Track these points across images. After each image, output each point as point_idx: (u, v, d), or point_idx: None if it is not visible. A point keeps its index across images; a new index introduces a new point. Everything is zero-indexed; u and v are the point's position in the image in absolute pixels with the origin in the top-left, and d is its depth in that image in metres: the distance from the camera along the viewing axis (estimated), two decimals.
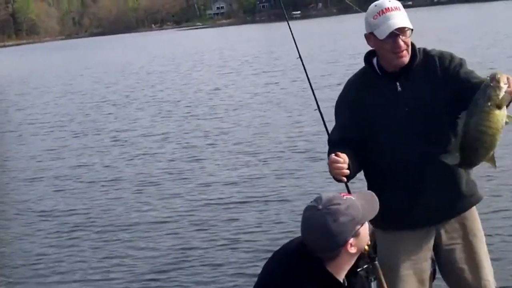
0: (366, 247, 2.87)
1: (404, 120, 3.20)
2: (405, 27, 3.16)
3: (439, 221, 3.32)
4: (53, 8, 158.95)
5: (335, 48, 32.90)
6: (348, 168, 3.15)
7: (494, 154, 3.11)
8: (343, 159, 3.12)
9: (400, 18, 3.16)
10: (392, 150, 3.25)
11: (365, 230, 2.62)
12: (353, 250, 2.56)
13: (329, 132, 3.54)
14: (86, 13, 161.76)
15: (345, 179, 3.16)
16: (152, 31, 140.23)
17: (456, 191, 3.30)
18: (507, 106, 2.95)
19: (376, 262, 3.23)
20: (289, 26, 4.17)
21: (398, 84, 3.23)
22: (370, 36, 3.25)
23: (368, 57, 3.35)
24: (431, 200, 3.24)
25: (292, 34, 4.13)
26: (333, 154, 3.13)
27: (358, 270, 3.08)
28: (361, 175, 3.48)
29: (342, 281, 2.62)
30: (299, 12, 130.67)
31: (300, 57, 3.84)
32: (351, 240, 2.54)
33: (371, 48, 3.34)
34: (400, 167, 3.25)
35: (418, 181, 3.24)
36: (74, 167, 11.98)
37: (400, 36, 3.15)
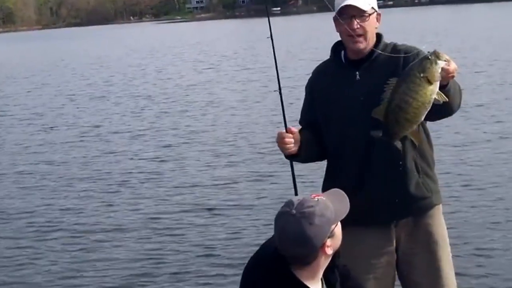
0: None
1: (357, 109, 3.16)
2: (360, 9, 3.12)
3: (386, 219, 3.22)
4: None
5: (317, 46, 32.66)
6: (300, 147, 3.21)
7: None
8: (291, 135, 3.17)
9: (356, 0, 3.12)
10: (341, 137, 3.24)
11: (339, 229, 2.58)
12: (330, 251, 2.52)
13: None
14: (64, 3, 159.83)
15: (294, 149, 3.19)
16: (130, 23, 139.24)
17: (403, 190, 3.19)
18: (442, 88, 2.85)
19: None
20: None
21: (357, 73, 3.21)
22: (335, 20, 3.25)
23: (336, 46, 3.36)
24: (375, 194, 3.16)
25: (267, 11, 3.85)
26: (284, 130, 3.18)
27: None
28: None
29: (320, 281, 2.59)
30: (279, 8, 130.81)
31: (271, 36, 3.65)
32: (328, 242, 2.50)
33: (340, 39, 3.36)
34: (348, 156, 3.23)
35: (364, 173, 3.20)
36: (41, 163, 11.46)
37: (356, 19, 3.13)
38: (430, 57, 2.81)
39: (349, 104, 3.19)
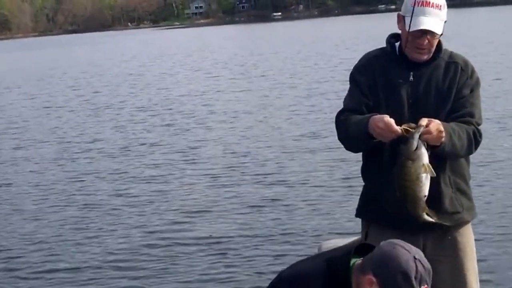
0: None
1: (403, 111, 3.12)
2: (433, 32, 3.10)
3: (414, 228, 3.16)
4: (26, 3, 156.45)
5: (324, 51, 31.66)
6: None
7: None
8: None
9: (434, 20, 3.08)
10: None
11: None
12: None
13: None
14: (61, 10, 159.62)
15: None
16: (128, 29, 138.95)
17: (434, 203, 3.12)
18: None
19: None
20: None
21: (411, 73, 3.17)
22: (401, 19, 3.20)
23: (391, 38, 3.29)
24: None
25: None
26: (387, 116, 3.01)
27: None
28: None
29: None
30: (279, 13, 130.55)
31: None
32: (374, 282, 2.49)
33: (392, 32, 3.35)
34: (383, 157, 3.17)
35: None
36: (11, 186, 10.25)
37: (427, 36, 3.09)
38: (406, 137, 2.92)
39: (396, 103, 3.14)
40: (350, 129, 3.15)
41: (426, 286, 2.43)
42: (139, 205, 8.63)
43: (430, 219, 3.08)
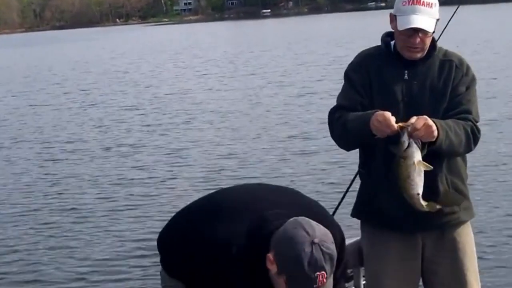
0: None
1: (398, 110, 3.08)
2: (425, 30, 3.08)
3: (411, 229, 3.18)
4: None
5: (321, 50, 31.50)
6: None
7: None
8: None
9: (425, 18, 3.08)
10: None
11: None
12: (270, 267, 2.34)
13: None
14: (48, 6, 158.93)
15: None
16: (116, 25, 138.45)
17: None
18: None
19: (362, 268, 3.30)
20: None
21: (406, 72, 3.16)
22: (393, 18, 3.19)
23: (386, 37, 3.27)
24: (401, 203, 3.05)
25: None
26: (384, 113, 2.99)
27: None
28: None
29: None
30: (269, 10, 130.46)
31: None
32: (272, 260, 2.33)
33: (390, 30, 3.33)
34: (378, 156, 3.17)
35: (391, 178, 3.07)
36: None
37: (419, 34, 3.08)
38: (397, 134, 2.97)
39: (390, 102, 3.11)
40: (349, 124, 3.13)
41: (323, 272, 2.26)
42: (124, 210, 8.35)
43: (433, 210, 3.05)
